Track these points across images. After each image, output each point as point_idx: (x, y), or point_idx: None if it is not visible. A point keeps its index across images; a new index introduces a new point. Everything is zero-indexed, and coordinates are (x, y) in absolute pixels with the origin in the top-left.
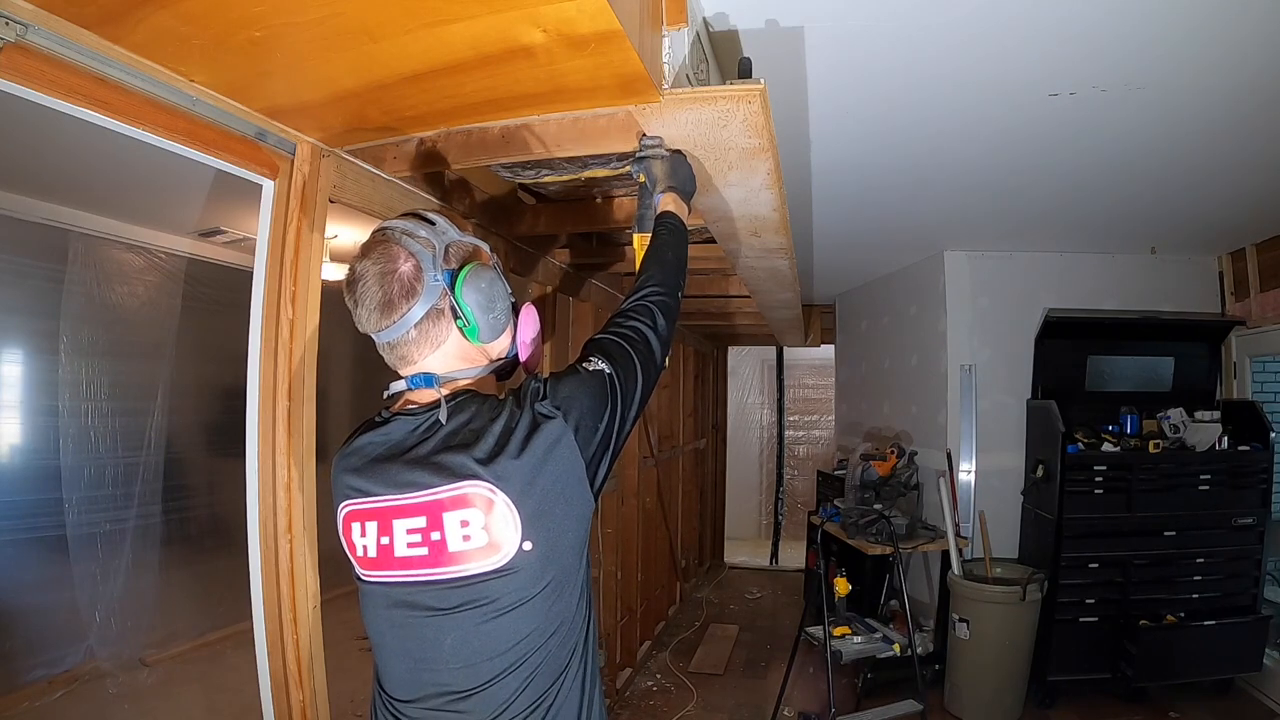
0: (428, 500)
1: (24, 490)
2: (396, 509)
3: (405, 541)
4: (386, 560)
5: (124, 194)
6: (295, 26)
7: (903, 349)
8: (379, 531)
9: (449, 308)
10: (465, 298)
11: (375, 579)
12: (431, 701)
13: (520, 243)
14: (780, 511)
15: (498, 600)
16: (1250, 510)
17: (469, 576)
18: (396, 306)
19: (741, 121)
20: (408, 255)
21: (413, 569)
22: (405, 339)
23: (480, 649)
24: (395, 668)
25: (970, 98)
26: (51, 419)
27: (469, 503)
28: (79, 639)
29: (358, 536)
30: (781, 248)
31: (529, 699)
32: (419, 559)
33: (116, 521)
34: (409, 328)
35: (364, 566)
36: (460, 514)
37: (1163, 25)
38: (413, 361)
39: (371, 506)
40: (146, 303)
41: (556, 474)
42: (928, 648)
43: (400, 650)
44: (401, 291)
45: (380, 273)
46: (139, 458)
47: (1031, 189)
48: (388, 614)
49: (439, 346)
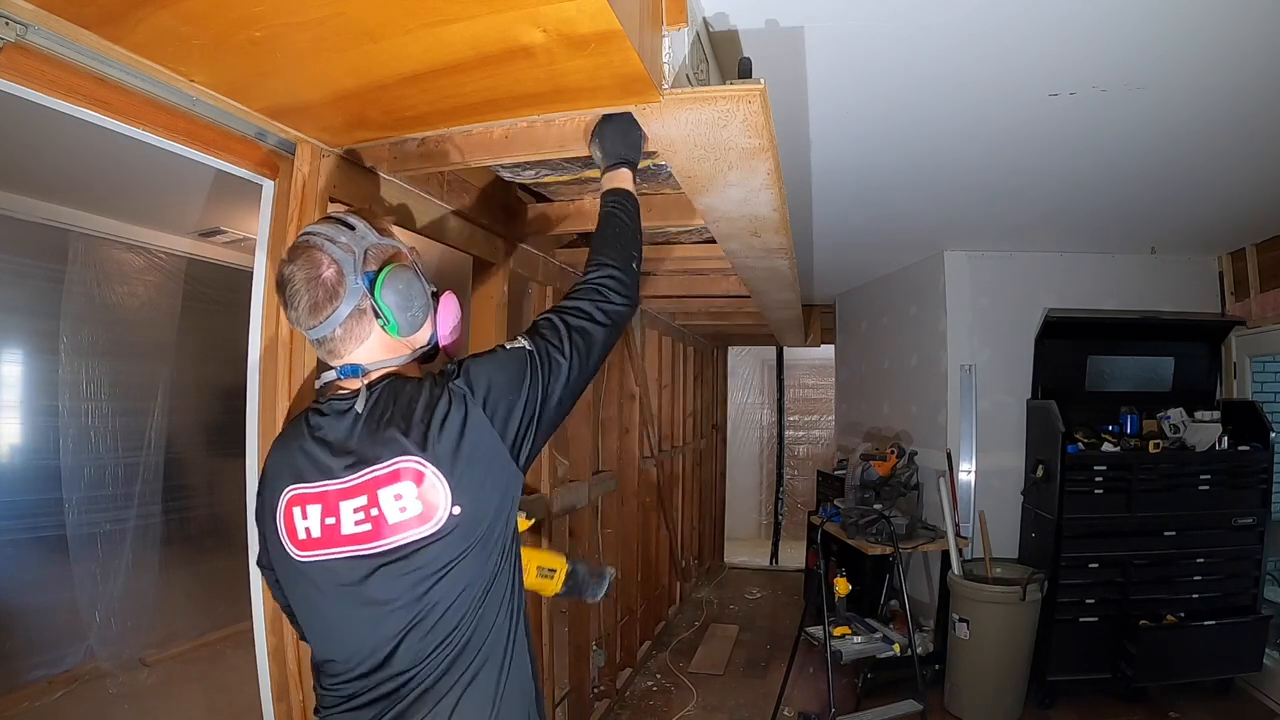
0: (366, 479)
1: (24, 490)
2: (340, 491)
3: (352, 520)
4: (332, 539)
5: (124, 194)
6: (295, 26)
7: (903, 349)
8: (323, 513)
9: (370, 308)
10: (384, 299)
11: (317, 558)
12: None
13: (520, 242)
14: (780, 511)
15: (435, 561)
16: (1250, 510)
17: (409, 543)
18: (322, 308)
19: (741, 121)
20: (330, 261)
21: (358, 544)
22: (332, 336)
23: (436, 600)
24: (340, 646)
25: (970, 98)
26: (51, 419)
27: (401, 477)
28: (79, 639)
29: (299, 520)
30: (781, 248)
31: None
32: (364, 534)
33: (116, 521)
34: (335, 326)
35: (304, 548)
36: (394, 488)
37: (1162, 25)
38: (340, 355)
39: (315, 490)
40: (146, 303)
41: (475, 445)
42: (928, 648)
43: (347, 629)
44: (326, 295)
45: (306, 278)
46: (139, 458)
47: (1031, 189)
48: (337, 598)
49: (363, 341)
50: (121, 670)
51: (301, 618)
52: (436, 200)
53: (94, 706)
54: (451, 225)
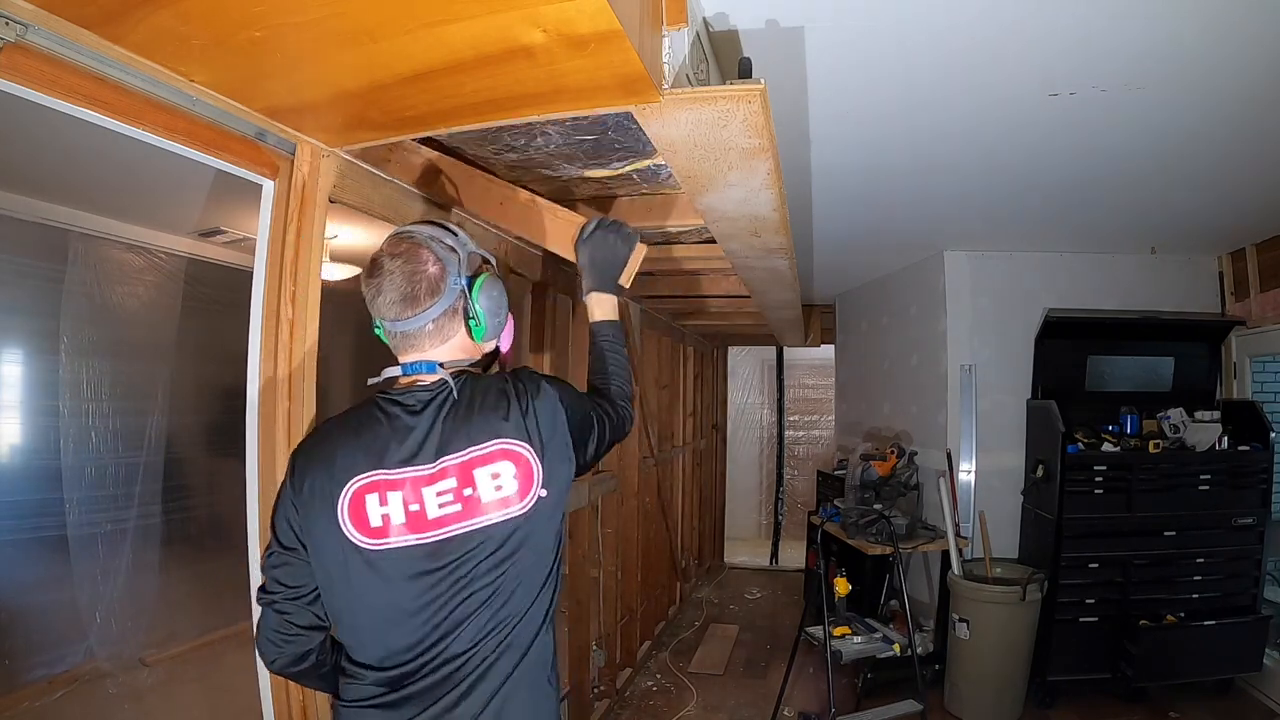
0: (459, 462)
1: (25, 490)
2: (426, 477)
3: (437, 504)
4: (417, 524)
5: (124, 194)
6: (295, 26)
7: (903, 349)
8: (406, 500)
9: (463, 309)
10: (480, 303)
11: (393, 545)
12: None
13: (520, 242)
14: (780, 511)
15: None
16: (1250, 510)
17: (501, 522)
18: (420, 302)
19: (741, 121)
20: (435, 259)
21: (443, 526)
22: (422, 331)
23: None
24: (404, 634)
25: (970, 98)
26: (52, 419)
27: (501, 458)
28: (79, 639)
29: (374, 507)
30: (781, 248)
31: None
32: (453, 515)
33: (117, 521)
34: (427, 322)
35: (376, 536)
36: (492, 468)
37: (1162, 26)
38: (422, 350)
39: (396, 477)
40: (146, 303)
41: (557, 437)
42: (928, 648)
43: (420, 614)
44: (428, 290)
45: (408, 271)
46: (139, 458)
47: (1032, 189)
48: (410, 585)
49: (447, 341)
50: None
51: (348, 607)
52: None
53: (94, 706)
54: None
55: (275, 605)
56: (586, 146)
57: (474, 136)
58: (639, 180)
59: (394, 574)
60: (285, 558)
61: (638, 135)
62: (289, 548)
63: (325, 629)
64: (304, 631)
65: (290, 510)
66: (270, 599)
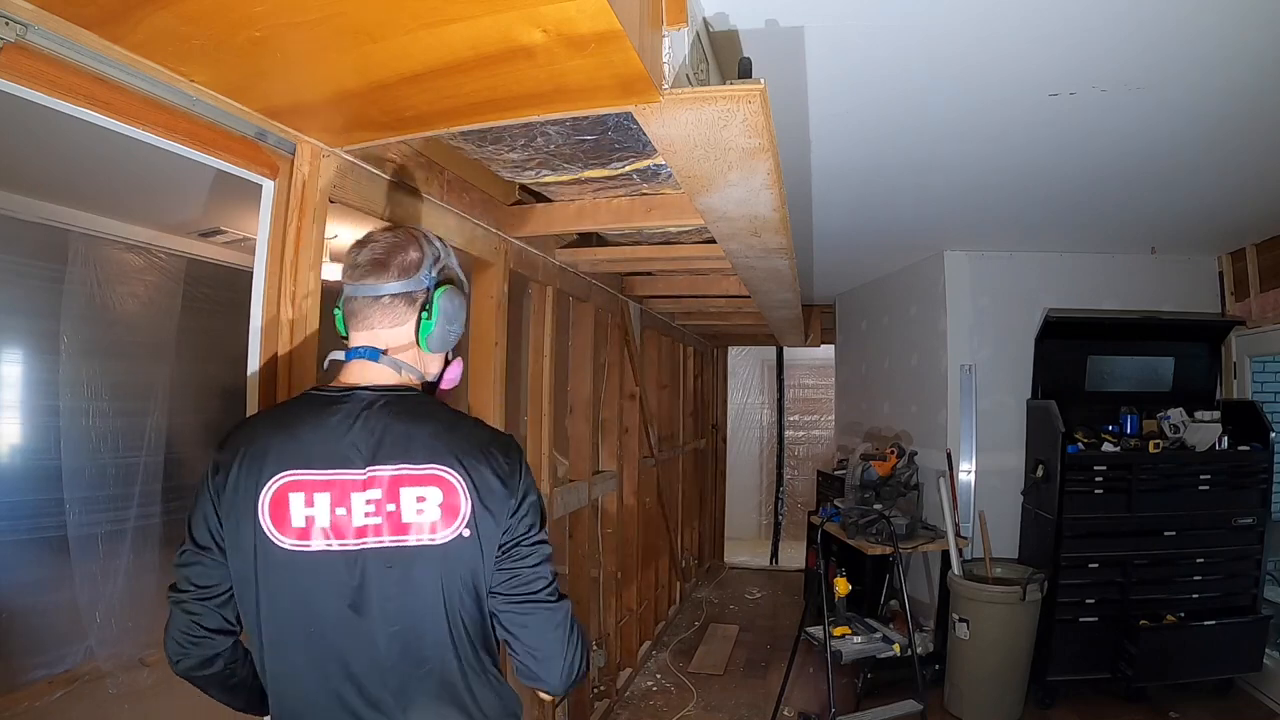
0: (390, 475)
1: (25, 490)
2: (356, 482)
3: (362, 512)
4: (340, 530)
5: (124, 194)
6: (295, 26)
7: (903, 349)
8: (333, 502)
9: (422, 300)
10: (440, 300)
11: (311, 549)
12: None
13: (521, 242)
14: (780, 511)
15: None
16: (1250, 510)
17: (416, 548)
18: (389, 272)
19: (742, 121)
20: (418, 249)
21: (363, 537)
22: (377, 302)
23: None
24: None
25: (970, 98)
26: (52, 419)
27: (432, 482)
28: (79, 639)
29: (299, 508)
30: (781, 248)
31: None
32: (374, 528)
33: (117, 522)
34: (386, 294)
35: (297, 537)
36: (418, 490)
37: (1162, 27)
38: (369, 327)
39: (325, 477)
40: (146, 303)
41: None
42: (928, 648)
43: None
44: (399, 267)
45: (391, 245)
46: (139, 458)
47: (1031, 189)
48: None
49: (396, 327)
50: (121, 670)
51: (269, 611)
52: (437, 200)
53: (94, 706)
54: (452, 225)
55: (184, 605)
56: (586, 146)
57: (474, 136)
58: (639, 180)
59: (309, 579)
60: (198, 557)
61: (638, 135)
62: (203, 547)
63: (235, 633)
64: (211, 634)
65: (209, 507)
66: (179, 598)
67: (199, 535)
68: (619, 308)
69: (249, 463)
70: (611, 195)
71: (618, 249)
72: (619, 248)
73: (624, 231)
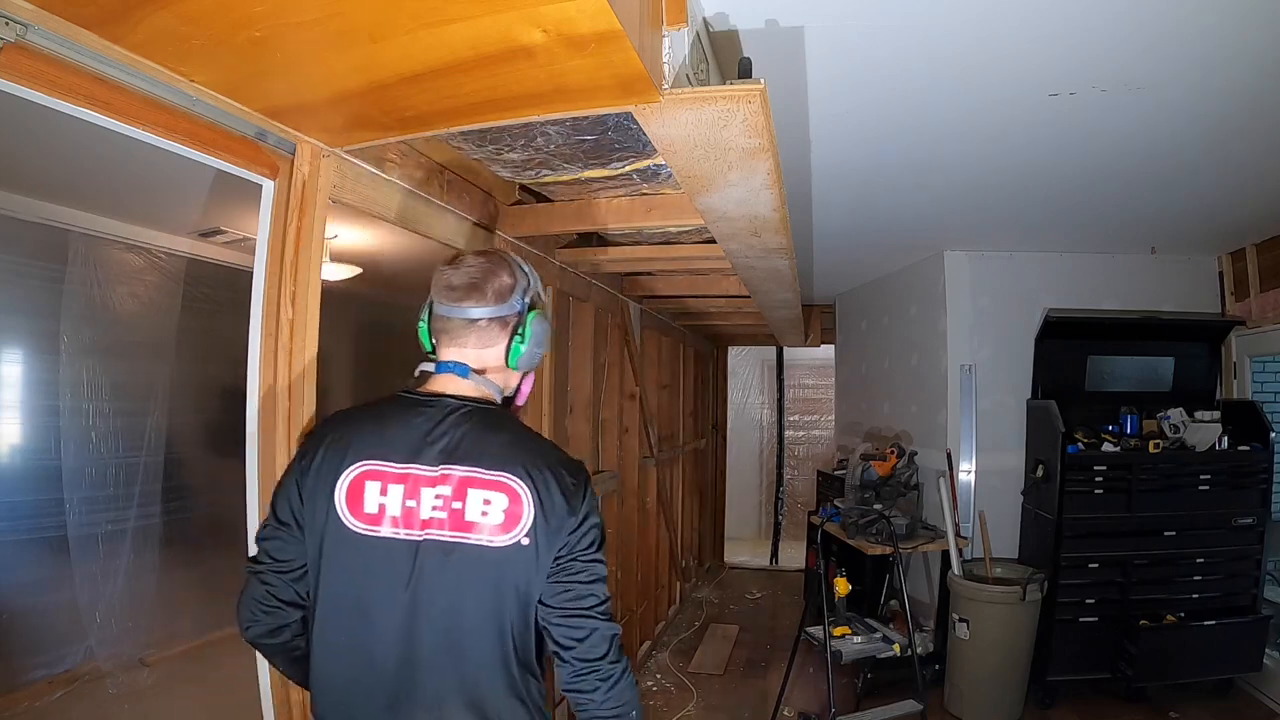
0: (460, 476)
1: (25, 490)
2: (428, 478)
3: (430, 506)
4: (409, 520)
5: (124, 194)
6: (295, 26)
7: (903, 349)
8: (405, 494)
9: (514, 324)
10: (532, 325)
11: (380, 534)
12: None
13: (521, 242)
14: (780, 511)
15: (485, 570)
16: (1250, 510)
17: (477, 548)
18: (484, 297)
19: (742, 121)
20: (511, 274)
21: (429, 529)
22: (472, 325)
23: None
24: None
25: (970, 98)
26: (52, 419)
27: (500, 489)
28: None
29: (373, 495)
30: (781, 248)
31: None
32: (438, 521)
33: (117, 522)
34: (482, 318)
35: (368, 522)
36: (485, 493)
37: (1163, 27)
38: (462, 347)
39: (400, 470)
40: (146, 303)
41: (562, 523)
42: (928, 648)
43: (380, 617)
44: (495, 291)
45: (486, 269)
46: (139, 458)
47: (1031, 189)
48: (385, 579)
49: (487, 348)
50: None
51: (328, 587)
52: (437, 200)
53: (94, 706)
54: (451, 225)
55: (260, 575)
56: (586, 146)
57: (474, 136)
58: (639, 180)
59: (370, 562)
60: (278, 532)
61: (638, 135)
62: (283, 523)
63: (304, 608)
64: (283, 605)
65: (293, 488)
66: (257, 569)
67: (281, 512)
68: (619, 308)
69: (333, 449)
70: (611, 195)
71: (618, 249)
72: (619, 248)
73: (624, 231)
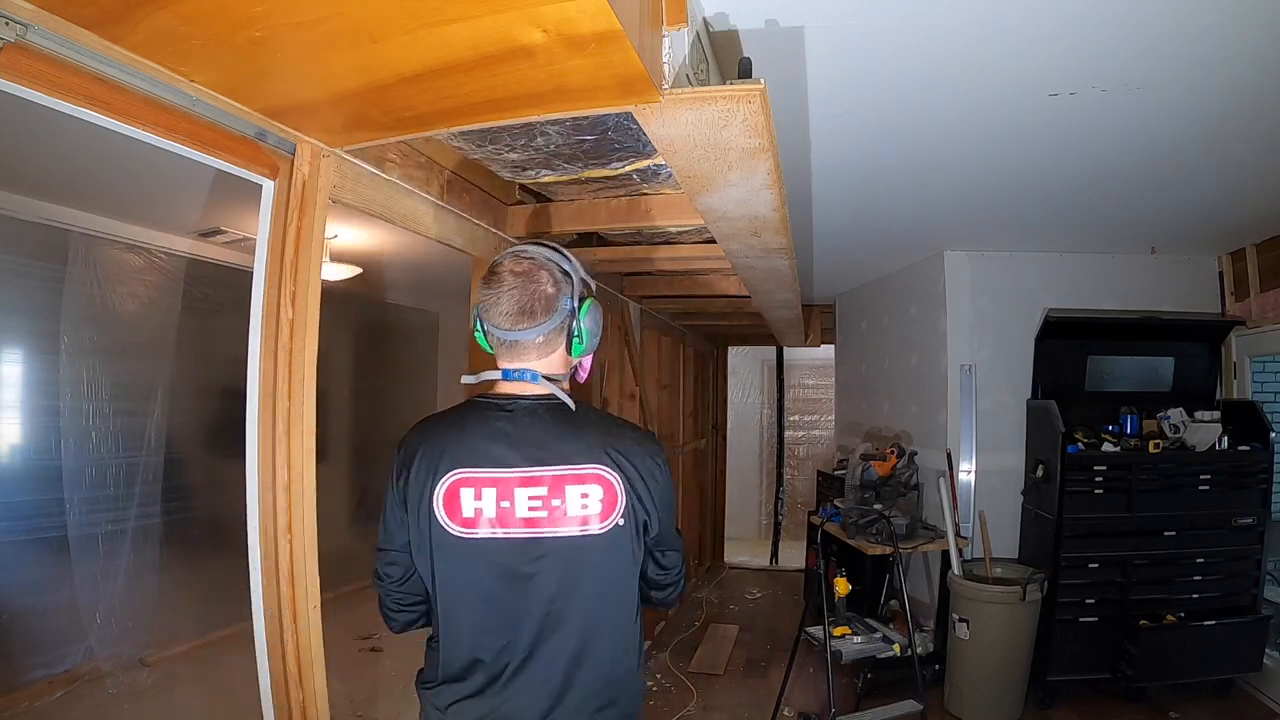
0: (553, 474)
1: (25, 491)
2: (520, 479)
3: (526, 505)
4: (505, 520)
5: (124, 194)
6: (295, 26)
7: (903, 349)
8: (498, 496)
9: (569, 327)
10: (585, 323)
11: (480, 536)
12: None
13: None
14: (780, 511)
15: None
16: (1250, 510)
17: (576, 535)
18: (535, 317)
19: (742, 121)
20: (552, 281)
21: (530, 527)
22: (531, 343)
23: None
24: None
25: (971, 98)
26: (52, 419)
27: (591, 479)
28: (79, 639)
29: (469, 501)
30: (781, 248)
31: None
32: (537, 519)
33: (117, 522)
34: (539, 335)
35: (467, 526)
36: (581, 488)
37: (1163, 27)
38: (526, 360)
39: (493, 475)
40: (146, 303)
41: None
42: (928, 648)
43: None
44: (543, 307)
45: (528, 288)
46: (139, 458)
47: (1032, 189)
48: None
49: (550, 355)
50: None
51: (445, 589)
52: (437, 200)
53: (94, 706)
54: (452, 225)
55: (386, 589)
56: (586, 146)
57: (474, 136)
58: (639, 180)
59: (475, 561)
60: (391, 556)
61: (638, 135)
62: (395, 548)
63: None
64: (417, 602)
65: (398, 509)
66: (383, 586)
67: (388, 539)
68: (619, 308)
69: (425, 462)
70: (611, 195)
71: (618, 249)
72: (619, 248)
73: (624, 231)
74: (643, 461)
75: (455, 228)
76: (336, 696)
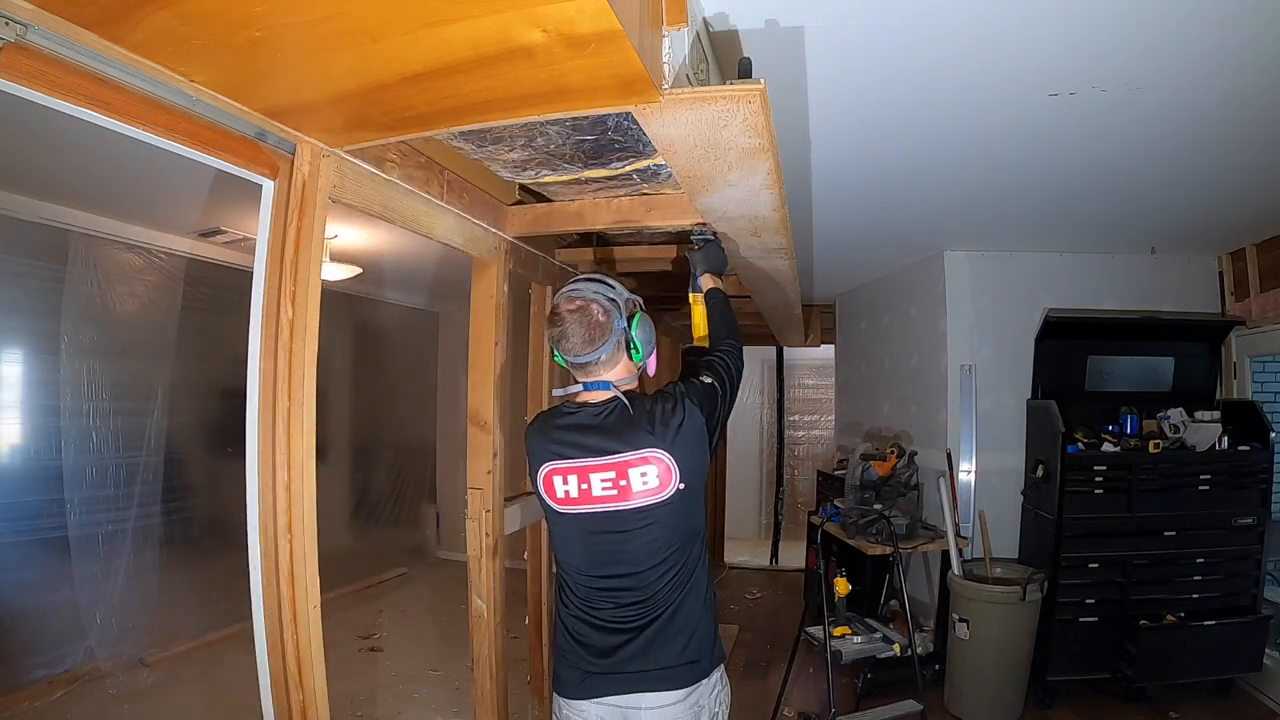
0: (619, 460)
1: (26, 491)
2: (594, 466)
3: (600, 486)
4: (585, 498)
5: (124, 194)
6: (295, 26)
7: (903, 349)
8: (579, 481)
9: (625, 342)
10: (638, 335)
11: (572, 510)
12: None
13: (521, 242)
14: (780, 511)
15: (662, 518)
16: (1250, 510)
17: (646, 506)
18: (595, 343)
19: (742, 121)
20: (603, 310)
21: (606, 503)
22: (598, 361)
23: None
24: (583, 561)
25: (971, 98)
26: (52, 419)
27: (648, 461)
28: (79, 639)
29: (560, 485)
30: (781, 248)
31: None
32: (610, 496)
33: (117, 522)
34: (601, 355)
35: (562, 504)
36: (642, 468)
37: (1163, 27)
38: (596, 375)
39: (573, 465)
40: (146, 303)
41: (694, 443)
42: (928, 648)
43: (590, 553)
44: (600, 335)
45: (585, 322)
46: (139, 458)
47: (1032, 189)
48: (583, 535)
49: (615, 366)
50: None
51: (558, 544)
52: (437, 200)
53: (94, 706)
54: (452, 225)
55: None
56: (586, 146)
57: (474, 136)
58: (639, 180)
59: (574, 529)
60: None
61: (638, 135)
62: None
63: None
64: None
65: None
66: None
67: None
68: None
69: (533, 456)
70: (611, 195)
71: (618, 249)
72: (619, 248)
73: (624, 231)
74: (673, 417)
75: (455, 228)
76: (336, 696)
